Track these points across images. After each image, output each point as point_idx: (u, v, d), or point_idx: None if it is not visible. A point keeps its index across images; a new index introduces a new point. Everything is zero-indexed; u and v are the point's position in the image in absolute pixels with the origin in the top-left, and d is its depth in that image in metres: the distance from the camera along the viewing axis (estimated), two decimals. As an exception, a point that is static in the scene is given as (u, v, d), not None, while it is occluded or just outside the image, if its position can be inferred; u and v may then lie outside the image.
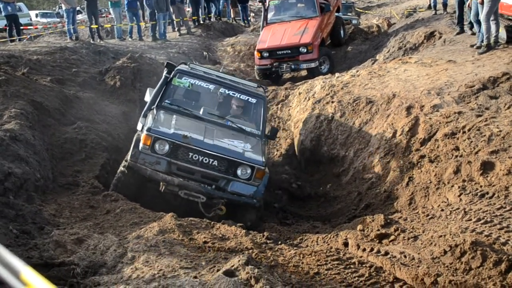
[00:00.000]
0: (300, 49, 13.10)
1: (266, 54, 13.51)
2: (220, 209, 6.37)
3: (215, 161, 6.33)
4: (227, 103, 7.55)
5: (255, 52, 13.90)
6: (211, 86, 7.48)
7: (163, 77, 7.32)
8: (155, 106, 7.03)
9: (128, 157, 6.48)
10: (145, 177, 6.36)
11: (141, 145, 6.33)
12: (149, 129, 6.31)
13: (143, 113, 7.07)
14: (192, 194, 6.28)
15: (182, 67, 7.68)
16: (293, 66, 13.23)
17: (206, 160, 6.31)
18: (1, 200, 5.39)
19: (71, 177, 7.13)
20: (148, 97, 7.40)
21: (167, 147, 6.29)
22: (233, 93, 7.46)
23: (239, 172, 6.38)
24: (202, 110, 7.22)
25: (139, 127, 6.91)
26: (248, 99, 7.49)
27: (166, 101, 7.20)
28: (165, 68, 7.32)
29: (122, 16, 18.96)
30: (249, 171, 6.39)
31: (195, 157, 6.30)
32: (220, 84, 7.50)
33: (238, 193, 6.39)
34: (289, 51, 13.30)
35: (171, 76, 7.31)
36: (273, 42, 13.48)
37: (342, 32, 16.68)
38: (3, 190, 5.60)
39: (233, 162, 6.36)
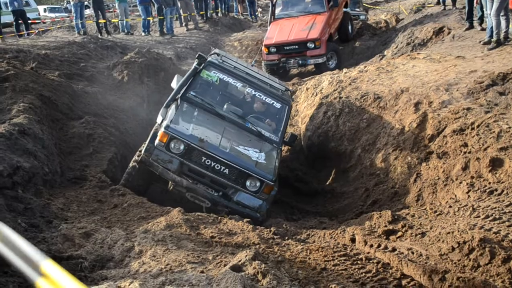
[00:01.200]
0: (308, 44, 13.06)
1: (273, 50, 13.49)
2: (223, 216, 6.25)
3: (227, 169, 6.34)
4: (251, 103, 7.53)
5: (263, 48, 13.86)
6: (239, 84, 7.46)
7: (192, 67, 7.30)
8: (179, 96, 7.04)
9: (143, 150, 6.51)
10: (156, 174, 6.39)
11: (157, 141, 6.35)
12: (167, 127, 6.33)
13: (166, 103, 7.00)
14: (198, 197, 6.35)
15: (213, 58, 7.62)
16: (300, 62, 13.22)
17: (218, 166, 6.33)
18: (9, 193, 5.42)
19: (79, 171, 7.16)
20: (174, 84, 7.36)
21: (182, 147, 6.33)
22: (259, 95, 7.44)
23: (248, 183, 6.39)
24: (225, 106, 7.23)
25: (159, 119, 6.85)
26: (273, 103, 7.45)
27: (192, 92, 7.19)
28: (196, 59, 7.29)
29: (128, 11, 18.98)
30: (258, 184, 6.38)
31: (208, 162, 6.33)
32: (248, 83, 7.46)
33: (243, 204, 6.40)
34: (297, 47, 13.27)
35: (201, 67, 7.30)
36: (281, 38, 13.45)
37: (350, 27, 16.56)
38: (12, 184, 5.63)
39: (244, 173, 6.36)
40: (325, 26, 13.45)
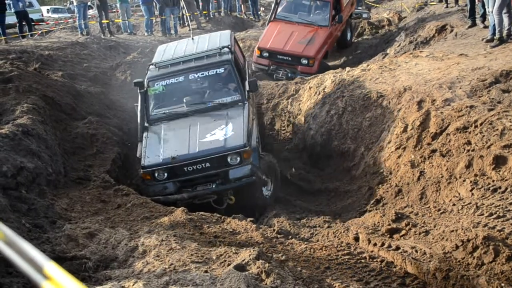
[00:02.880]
0: (302, 60, 12.67)
1: (266, 54, 13.06)
2: (230, 199, 6.99)
3: (207, 163, 6.86)
4: (202, 83, 8.11)
5: (255, 49, 13.46)
6: (181, 78, 7.94)
7: (139, 94, 7.77)
8: (146, 122, 7.65)
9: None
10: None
11: (146, 181, 7.03)
12: (143, 167, 6.94)
13: (139, 137, 7.52)
14: (203, 198, 6.85)
15: (150, 72, 8.09)
16: (289, 74, 12.70)
17: (199, 166, 6.87)
18: (13, 194, 5.44)
19: (83, 172, 7.18)
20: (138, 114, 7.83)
21: (164, 173, 6.94)
22: (202, 74, 7.95)
23: (229, 161, 6.89)
24: (185, 101, 7.76)
25: (138, 154, 7.32)
26: (217, 70, 7.95)
27: (153, 112, 7.81)
28: (137, 87, 7.78)
29: (130, 12, 19.00)
30: (236, 156, 6.89)
31: (190, 168, 6.87)
32: (186, 71, 7.95)
33: (237, 178, 6.89)
34: (290, 58, 12.84)
35: (145, 89, 7.79)
36: (276, 45, 13.02)
37: (349, 34, 16.13)
38: (16, 184, 5.65)
39: (220, 156, 6.87)
40: (323, 44, 13.07)
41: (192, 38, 9.24)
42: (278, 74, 12.84)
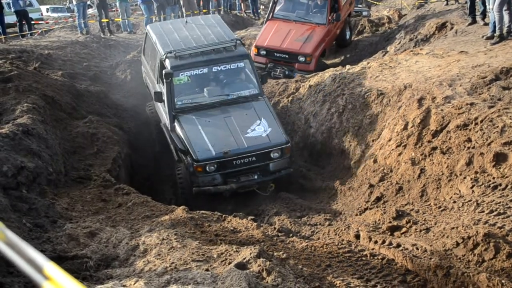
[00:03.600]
0: (299, 57, 12.60)
1: (263, 52, 12.99)
2: (271, 187, 7.89)
3: (253, 157, 7.64)
4: (221, 76, 8.64)
5: (252, 47, 13.37)
6: (205, 70, 8.42)
7: (165, 84, 8.12)
8: (174, 112, 8.05)
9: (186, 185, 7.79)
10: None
11: (196, 173, 7.57)
12: (197, 160, 7.48)
13: (170, 127, 7.99)
14: (247, 187, 7.69)
15: (171, 61, 8.32)
16: (287, 72, 12.64)
17: (246, 160, 7.63)
18: (14, 194, 5.45)
19: (83, 171, 7.18)
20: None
21: (215, 166, 7.56)
22: (224, 67, 8.48)
23: (272, 155, 7.74)
24: (206, 92, 8.34)
25: (179, 145, 7.78)
26: (238, 65, 8.60)
27: (178, 102, 8.18)
28: (165, 78, 8.04)
29: (130, 10, 18.97)
30: (279, 152, 7.77)
31: (238, 162, 7.61)
32: (211, 64, 8.41)
33: (277, 170, 7.83)
34: (287, 56, 12.80)
35: (170, 79, 8.09)
36: (273, 43, 12.95)
37: (348, 33, 15.99)
38: (16, 184, 5.66)
39: (266, 152, 7.69)
40: (320, 41, 12.98)
41: (186, 21, 9.64)
42: (276, 72, 12.75)
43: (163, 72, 8.13)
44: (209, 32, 9.11)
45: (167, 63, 8.30)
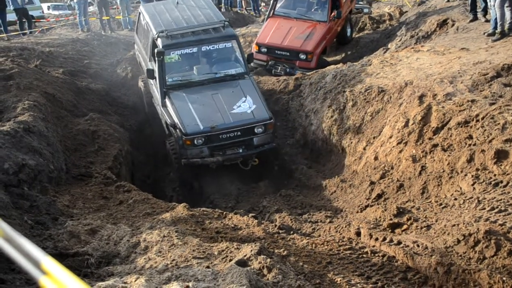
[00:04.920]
0: (300, 55, 12.60)
1: (264, 50, 12.97)
2: (254, 161, 8.50)
3: (238, 132, 8.22)
4: (211, 54, 9.19)
5: (253, 45, 13.38)
6: (195, 49, 8.96)
7: (157, 62, 8.62)
8: (165, 88, 8.63)
9: (175, 158, 8.37)
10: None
11: (185, 146, 8.09)
12: (186, 134, 8.05)
13: (161, 102, 8.63)
14: (232, 160, 8.26)
15: (163, 40, 8.79)
16: (288, 70, 12.64)
17: (232, 134, 8.20)
18: (15, 191, 5.45)
19: (84, 168, 7.18)
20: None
21: (203, 139, 8.11)
22: (213, 46, 9.01)
23: (256, 130, 8.31)
24: (195, 70, 8.90)
25: (168, 119, 8.36)
26: (225, 45, 9.16)
27: (168, 79, 8.73)
28: (157, 56, 8.58)
29: (130, 8, 18.94)
30: (263, 127, 8.34)
31: (224, 136, 8.17)
32: (200, 44, 8.92)
33: (261, 144, 8.42)
34: (288, 54, 12.78)
35: (162, 57, 8.61)
36: (274, 40, 12.94)
37: (349, 30, 15.93)
38: (18, 181, 5.66)
39: (251, 127, 8.25)
40: (321, 39, 12.94)
41: (178, 3, 10.05)
42: (277, 69, 12.76)
43: (155, 50, 8.64)
44: (199, 13, 9.59)
45: (159, 42, 8.79)
